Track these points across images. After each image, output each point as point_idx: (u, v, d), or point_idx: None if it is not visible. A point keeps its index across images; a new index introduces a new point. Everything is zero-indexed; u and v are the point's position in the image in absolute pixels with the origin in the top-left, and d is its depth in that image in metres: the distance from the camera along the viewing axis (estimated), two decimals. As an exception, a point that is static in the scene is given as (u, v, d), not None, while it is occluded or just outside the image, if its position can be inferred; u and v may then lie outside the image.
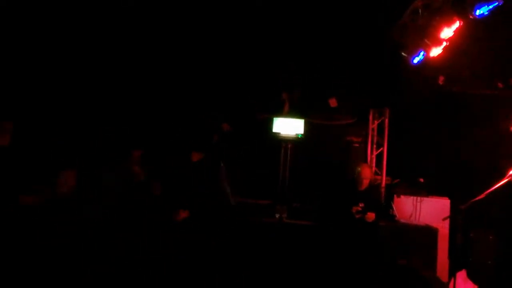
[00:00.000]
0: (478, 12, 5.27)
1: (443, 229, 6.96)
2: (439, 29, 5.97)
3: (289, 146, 7.60)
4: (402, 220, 7.36)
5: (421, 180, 7.64)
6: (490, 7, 5.18)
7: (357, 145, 8.21)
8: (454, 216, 5.89)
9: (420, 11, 6.22)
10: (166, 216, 5.14)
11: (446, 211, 7.16)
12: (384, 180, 8.11)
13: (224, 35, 7.38)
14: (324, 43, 7.51)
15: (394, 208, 7.52)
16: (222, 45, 7.49)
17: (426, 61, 6.58)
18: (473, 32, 5.98)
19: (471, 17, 5.38)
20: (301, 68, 7.86)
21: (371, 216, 6.02)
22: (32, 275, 4.45)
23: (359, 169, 6.35)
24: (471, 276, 5.58)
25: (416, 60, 6.70)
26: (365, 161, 8.09)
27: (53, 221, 4.89)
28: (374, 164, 8.28)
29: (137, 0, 6.86)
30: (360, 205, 6.04)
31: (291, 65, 7.79)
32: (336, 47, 7.56)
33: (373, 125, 8.40)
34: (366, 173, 6.31)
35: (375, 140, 8.38)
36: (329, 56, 7.69)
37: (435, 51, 6.24)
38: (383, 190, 7.98)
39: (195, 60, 7.60)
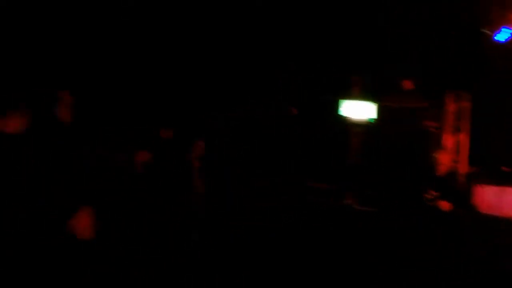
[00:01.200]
0: None
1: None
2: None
3: (359, 130, 7.29)
4: (483, 211, 6.89)
5: (505, 169, 7.10)
6: None
7: (433, 129, 7.78)
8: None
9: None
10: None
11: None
12: (463, 168, 7.60)
13: (288, 17, 7.19)
14: (398, 20, 7.09)
15: (474, 198, 7.04)
16: (285, 25, 7.28)
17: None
18: None
19: None
20: (372, 48, 7.47)
21: (445, 204, 5.64)
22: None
23: (435, 155, 5.96)
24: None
25: (500, 37, 6.20)
26: (442, 147, 7.63)
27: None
28: (452, 151, 7.78)
29: None
30: (433, 193, 5.67)
31: (361, 45, 7.43)
32: (410, 25, 7.11)
33: (451, 109, 7.89)
34: (443, 158, 5.91)
35: (453, 125, 7.87)
36: (402, 34, 7.25)
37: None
38: (462, 178, 7.50)
39: (259, 41, 7.47)
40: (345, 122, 7.33)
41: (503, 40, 6.23)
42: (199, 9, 6.83)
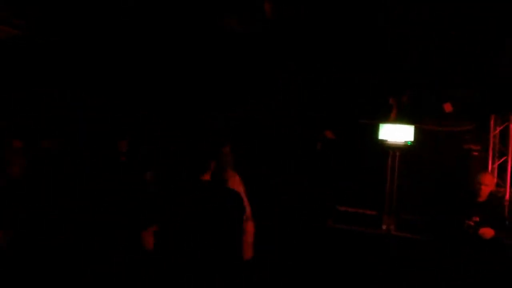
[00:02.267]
0: None
1: None
2: None
3: (397, 153, 7.13)
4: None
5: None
6: None
7: (476, 153, 7.50)
8: None
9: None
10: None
11: None
12: (508, 192, 7.27)
13: (328, 36, 7.12)
14: (438, 39, 6.90)
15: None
16: (325, 45, 7.22)
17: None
18: None
19: None
20: (412, 69, 7.31)
21: (488, 232, 5.30)
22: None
23: (479, 176, 5.66)
24: None
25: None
26: (485, 171, 7.33)
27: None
28: (496, 175, 7.47)
29: None
30: (474, 219, 5.36)
31: (399, 66, 7.28)
32: (450, 43, 6.91)
33: (495, 131, 7.60)
34: (487, 180, 5.59)
35: (497, 148, 7.57)
36: (443, 54, 7.06)
37: None
38: (507, 204, 7.16)
39: (299, 62, 7.43)
40: (383, 146, 7.19)
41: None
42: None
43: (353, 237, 5.86)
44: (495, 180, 7.28)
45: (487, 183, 5.54)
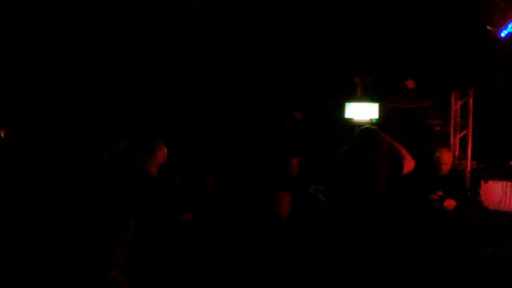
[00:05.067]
0: None
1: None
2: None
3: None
4: (491, 207, 6.85)
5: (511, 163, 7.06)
6: None
7: (438, 128, 7.75)
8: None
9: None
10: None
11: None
12: (469, 164, 7.57)
13: (291, 19, 7.19)
14: (398, 18, 7.06)
15: (482, 194, 7.01)
16: (290, 29, 7.29)
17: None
18: None
19: None
20: (375, 48, 7.46)
21: (450, 203, 5.57)
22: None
23: (437, 154, 5.91)
24: None
25: (504, 34, 6.15)
26: (448, 145, 7.60)
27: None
28: (457, 148, 7.75)
29: None
30: (438, 193, 5.61)
31: (364, 46, 7.42)
32: (410, 22, 7.07)
33: (455, 106, 7.86)
34: (446, 158, 5.85)
35: (458, 122, 7.84)
36: (403, 32, 7.23)
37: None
38: (468, 175, 7.46)
39: (264, 46, 7.49)
40: (349, 124, 7.35)
41: (505, 36, 6.19)
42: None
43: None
44: (457, 154, 7.59)
45: (446, 162, 5.81)
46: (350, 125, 7.36)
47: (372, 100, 7.33)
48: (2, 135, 5.83)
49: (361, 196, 4.23)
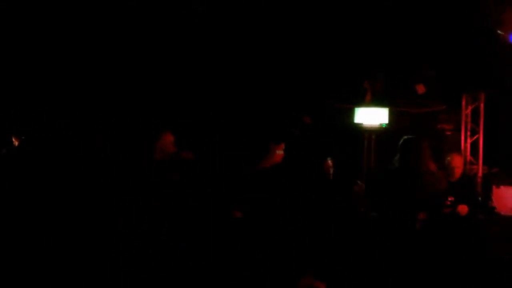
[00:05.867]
0: None
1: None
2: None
3: (373, 137, 7.27)
4: (503, 213, 6.78)
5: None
6: None
7: (449, 133, 7.70)
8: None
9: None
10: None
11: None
12: (480, 169, 7.51)
13: (302, 21, 7.18)
14: (408, 22, 7.04)
15: (493, 200, 6.94)
16: (300, 32, 7.29)
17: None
18: None
19: None
20: (384, 53, 7.44)
21: (462, 209, 5.52)
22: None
23: (449, 158, 5.87)
24: None
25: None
26: (459, 149, 7.54)
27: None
28: (469, 153, 7.69)
29: None
30: (450, 199, 5.56)
31: (373, 51, 7.40)
32: (420, 27, 7.05)
33: (466, 111, 7.80)
34: (457, 161, 5.81)
35: (469, 127, 7.78)
36: (413, 37, 7.20)
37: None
38: (480, 180, 7.40)
39: (272, 49, 7.48)
40: (359, 129, 7.31)
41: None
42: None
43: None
44: (468, 159, 7.53)
45: (458, 165, 5.77)
46: (360, 130, 7.32)
47: (382, 105, 7.29)
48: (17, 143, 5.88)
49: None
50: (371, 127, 7.24)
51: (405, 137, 4.71)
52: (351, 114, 7.31)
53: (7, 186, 4.59)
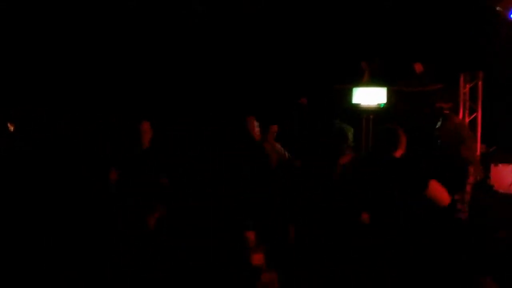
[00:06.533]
0: None
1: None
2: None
3: (371, 116, 7.26)
4: (501, 191, 6.83)
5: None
6: None
7: (447, 111, 7.68)
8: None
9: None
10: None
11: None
12: (479, 148, 7.53)
13: (300, 5, 7.15)
14: (406, 1, 7.00)
15: (492, 178, 6.99)
16: (297, 15, 7.26)
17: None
18: None
19: None
20: (381, 32, 7.40)
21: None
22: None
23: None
24: None
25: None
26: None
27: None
28: (466, 131, 7.69)
29: None
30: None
31: (369, 30, 7.36)
32: (418, 5, 7.01)
33: (464, 89, 7.80)
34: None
35: (467, 106, 7.78)
36: (412, 16, 7.16)
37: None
38: (478, 159, 7.40)
39: (270, 32, 7.45)
40: (357, 109, 7.30)
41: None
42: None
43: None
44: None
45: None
46: (358, 110, 7.31)
47: (380, 84, 7.26)
48: (12, 128, 5.89)
49: None
50: (369, 107, 7.23)
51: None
52: (349, 94, 7.29)
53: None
